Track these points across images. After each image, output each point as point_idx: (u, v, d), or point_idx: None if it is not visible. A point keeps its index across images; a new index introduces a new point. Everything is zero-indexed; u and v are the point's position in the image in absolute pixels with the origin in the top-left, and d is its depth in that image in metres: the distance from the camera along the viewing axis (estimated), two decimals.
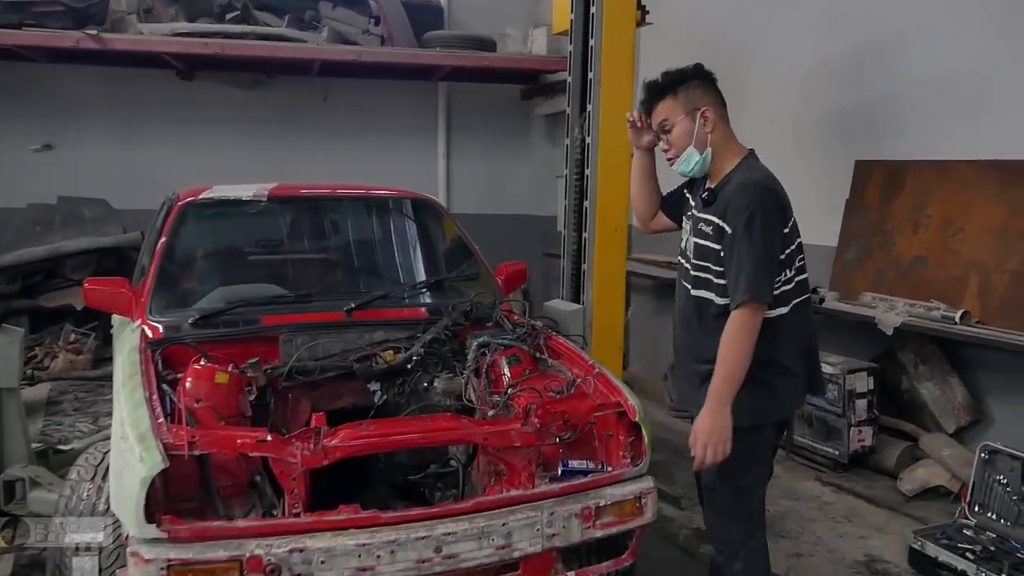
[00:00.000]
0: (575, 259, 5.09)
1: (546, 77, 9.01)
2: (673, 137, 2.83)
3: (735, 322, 2.63)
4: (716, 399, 2.63)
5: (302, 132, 8.73)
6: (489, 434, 2.76)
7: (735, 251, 2.64)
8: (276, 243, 4.17)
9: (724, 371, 2.63)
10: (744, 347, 2.62)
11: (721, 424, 2.61)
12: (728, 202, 2.68)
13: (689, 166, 2.81)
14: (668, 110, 2.83)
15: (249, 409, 3.18)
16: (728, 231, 2.67)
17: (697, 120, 2.78)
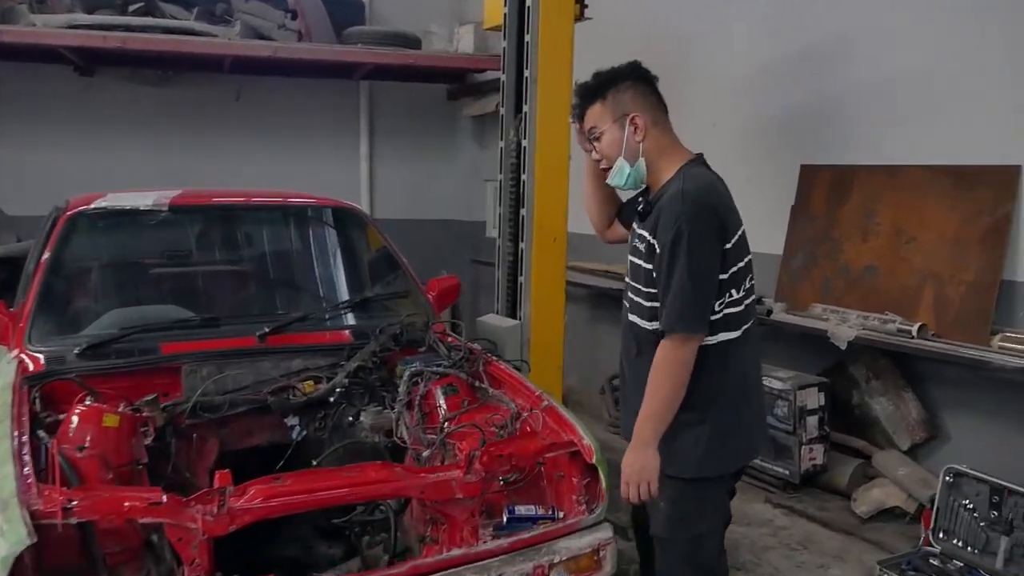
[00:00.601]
0: (511, 271, 4.73)
1: (474, 77, 8.64)
2: (602, 147, 2.56)
3: (662, 352, 2.39)
4: (639, 437, 2.42)
5: (213, 133, 8.17)
6: (427, 486, 2.38)
7: (663, 272, 2.38)
8: (179, 259, 3.69)
9: (649, 407, 2.41)
10: (671, 381, 2.37)
11: (643, 464, 2.41)
12: (659, 216, 2.39)
13: (622, 179, 2.53)
14: (596, 116, 2.56)
15: (145, 454, 2.75)
16: (659, 249, 2.38)
17: (627, 127, 2.49)
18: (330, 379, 3.18)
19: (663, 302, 2.37)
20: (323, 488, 2.28)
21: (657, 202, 2.44)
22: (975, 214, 4.33)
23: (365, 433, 3.11)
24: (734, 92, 5.82)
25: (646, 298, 2.48)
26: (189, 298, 3.49)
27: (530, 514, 2.67)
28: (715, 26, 5.87)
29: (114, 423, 2.64)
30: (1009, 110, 4.20)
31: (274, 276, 3.77)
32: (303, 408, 3.17)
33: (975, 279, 4.28)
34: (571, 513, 2.68)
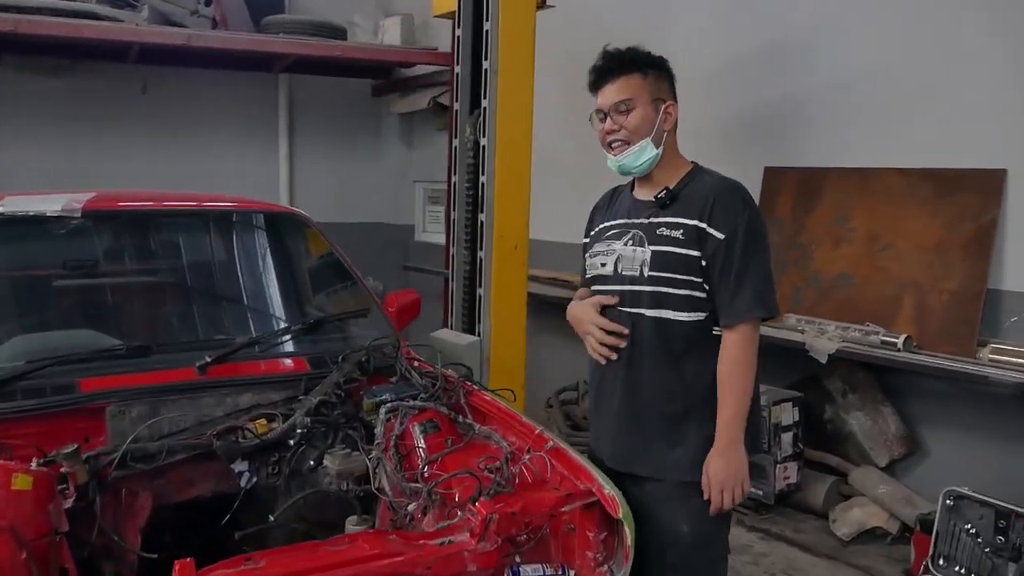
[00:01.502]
0: (468, 282, 4.32)
1: (400, 72, 8.16)
2: (631, 120, 2.39)
3: (742, 342, 2.31)
4: (727, 437, 2.31)
5: (117, 128, 7.44)
6: (435, 561, 1.94)
7: (734, 258, 2.29)
8: (95, 275, 3.11)
9: (734, 402, 2.31)
10: (753, 371, 2.33)
11: (737, 466, 2.31)
12: (709, 202, 2.31)
13: (638, 161, 2.40)
14: (634, 88, 2.39)
15: (65, 522, 2.22)
16: (718, 235, 2.29)
17: (660, 113, 2.39)
18: (286, 416, 2.71)
19: (736, 287, 2.28)
20: (308, 571, 1.82)
21: (682, 190, 2.39)
22: (958, 220, 4.13)
23: (330, 480, 2.64)
24: (692, 91, 5.46)
25: (685, 287, 2.34)
26: (111, 323, 2.94)
27: (538, 574, 2.28)
28: (673, 23, 5.54)
29: (27, 485, 2.12)
30: (994, 112, 4.02)
31: (212, 295, 3.20)
32: (253, 451, 2.68)
33: (959, 288, 4.08)
34: (586, 573, 2.28)
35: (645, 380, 2.41)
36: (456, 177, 4.36)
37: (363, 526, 2.49)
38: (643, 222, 2.43)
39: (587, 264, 2.60)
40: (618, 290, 2.45)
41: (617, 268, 2.45)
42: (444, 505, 2.44)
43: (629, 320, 2.42)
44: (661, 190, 2.41)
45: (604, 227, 2.55)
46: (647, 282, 2.38)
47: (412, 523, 2.48)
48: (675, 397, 2.39)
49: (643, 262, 2.39)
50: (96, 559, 2.38)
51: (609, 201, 2.65)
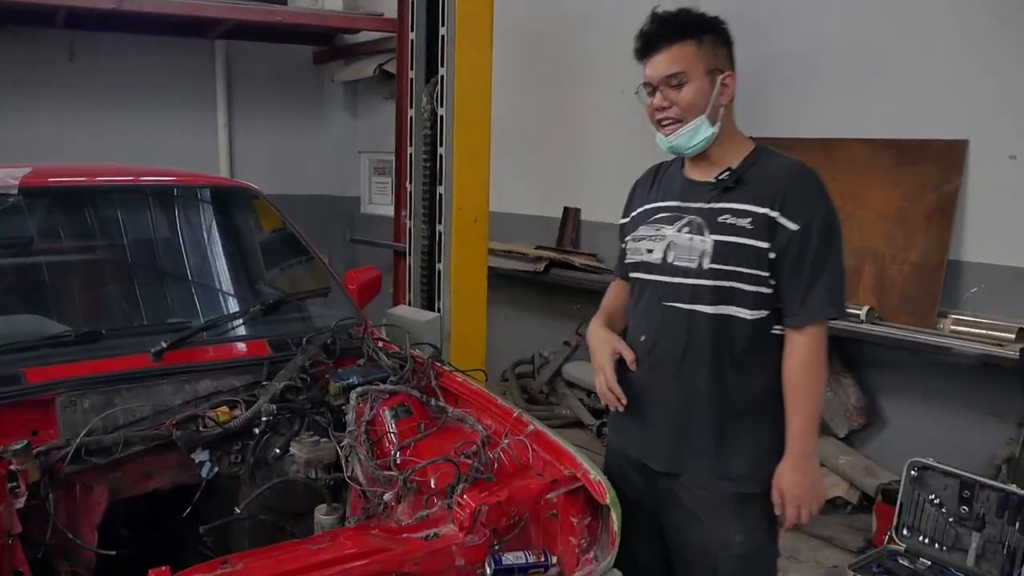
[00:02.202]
0: (427, 257, 4.19)
1: (343, 38, 7.93)
2: (683, 96, 2.09)
3: (814, 343, 2.09)
4: (803, 447, 2.10)
5: (43, 97, 7.11)
6: (421, 558, 1.84)
7: (809, 252, 2.03)
8: (36, 256, 2.90)
9: (806, 410, 2.09)
10: (825, 375, 2.13)
11: (813, 478, 2.12)
12: (781, 188, 2.05)
13: (691, 141, 2.12)
14: (688, 59, 2.09)
15: (17, 523, 2.07)
16: (791, 226, 2.03)
17: (717, 86, 2.09)
18: (249, 403, 2.57)
19: (808, 285, 2.05)
20: (290, 573, 1.70)
21: (746, 172, 2.11)
22: (919, 190, 4.13)
23: (298, 468, 2.52)
24: None
25: (752, 282, 2.09)
26: (57, 307, 2.73)
27: (519, 563, 2.18)
28: None
29: None
30: (955, 82, 4.01)
31: (165, 276, 3.01)
32: (214, 441, 2.54)
33: (920, 259, 4.09)
34: (568, 560, 2.21)
35: (701, 386, 2.16)
36: (412, 149, 4.21)
37: (333, 515, 2.39)
38: (702, 207, 2.14)
39: (628, 248, 2.32)
40: (667, 282, 2.18)
41: (667, 257, 2.17)
42: (420, 493, 2.34)
43: (681, 317, 2.16)
44: (723, 171, 2.13)
45: (649, 208, 2.28)
46: (708, 275, 2.11)
47: (385, 512, 2.38)
48: (733, 403, 2.16)
49: (703, 253, 2.11)
50: (51, 559, 2.23)
51: (653, 178, 2.37)
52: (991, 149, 3.91)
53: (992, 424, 3.94)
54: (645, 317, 2.25)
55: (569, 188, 6.14)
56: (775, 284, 2.08)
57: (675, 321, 2.16)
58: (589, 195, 6.03)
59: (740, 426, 2.16)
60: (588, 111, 5.88)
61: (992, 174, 3.91)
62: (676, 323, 2.16)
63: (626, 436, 2.35)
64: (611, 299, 2.47)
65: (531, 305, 6.37)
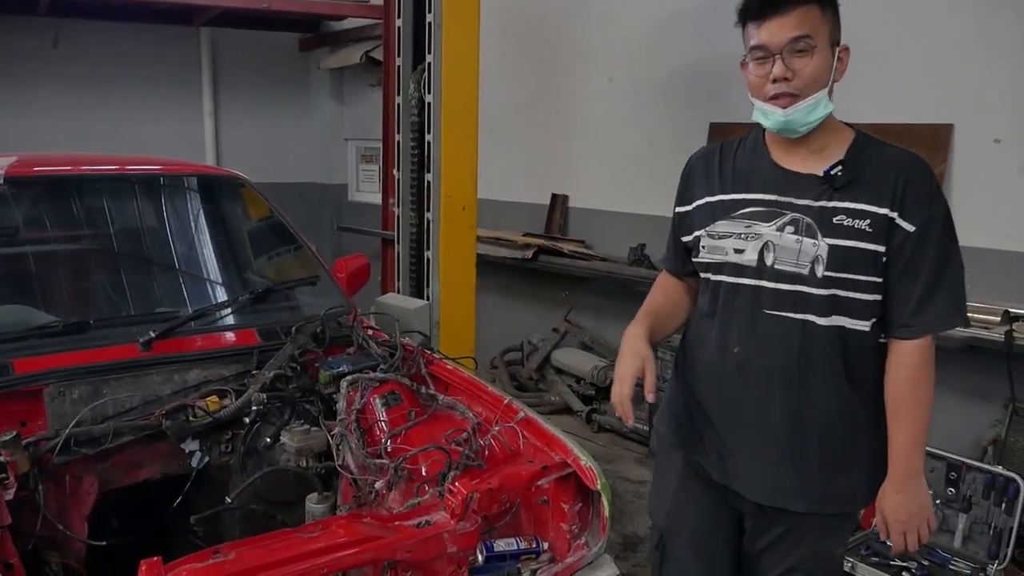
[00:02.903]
0: (415, 245, 4.19)
1: (329, 25, 7.89)
2: (811, 66, 1.84)
3: (924, 356, 1.88)
4: (909, 468, 1.90)
5: (27, 85, 7.05)
6: (414, 544, 1.85)
7: (928, 256, 1.83)
8: (23, 245, 2.88)
9: (913, 427, 1.88)
10: (932, 389, 1.92)
11: (920, 502, 1.92)
12: (899, 184, 1.83)
13: (810, 117, 1.87)
14: (814, 23, 1.84)
15: (7, 515, 2.06)
16: (908, 227, 1.82)
17: (835, 59, 1.88)
18: (239, 392, 2.57)
19: (926, 292, 1.83)
20: (282, 562, 1.71)
21: (856, 164, 1.88)
22: None
23: (288, 457, 2.52)
24: (633, 44, 5.44)
25: (869, 290, 1.86)
26: (44, 297, 2.72)
27: (511, 549, 2.21)
28: None
29: None
30: (940, 66, 4.02)
31: (153, 266, 3.00)
32: (205, 430, 2.54)
33: None
34: (559, 545, 2.23)
35: (815, 403, 1.92)
36: (400, 136, 4.20)
37: (324, 504, 2.39)
38: (810, 204, 1.88)
39: (703, 244, 2.03)
40: (770, 288, 1.92)
41: (764, 259, 1.91)
42: (411, 480, 2.36)
43: (792, 329, 1.90)
44: (835, 165, 1.88)
45: (729, 200, 1.99)
46: (822, 284, 1.86)
47: (377, 499, 2.39)
48: (847, 422, 1.94)
49: (816, 259, 1.86)
50: (42, 550, 2.23)
51: (719, 163, 2.07)
52: (976, 133, 3.93)
53: (979, 406, 3.97)
54: (735, 326, 1.98)
55: (557, 175, 6.13)
56: (885, 290, 1.88)
57: (783, 333, 1.91)
58: (577, 182, 6.03)
59: (854, 447, 1.96)
60: (577, 98, 5.87)
61: (977, 158, 3.94)
62: (785, 335, 1.91)
63: (705, 456, 2.09)
64: (660, 298, 2.23)
65: (520, 292, 6.38)
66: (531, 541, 2.24)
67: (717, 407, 2.03)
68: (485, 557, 2.14)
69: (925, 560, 3.41)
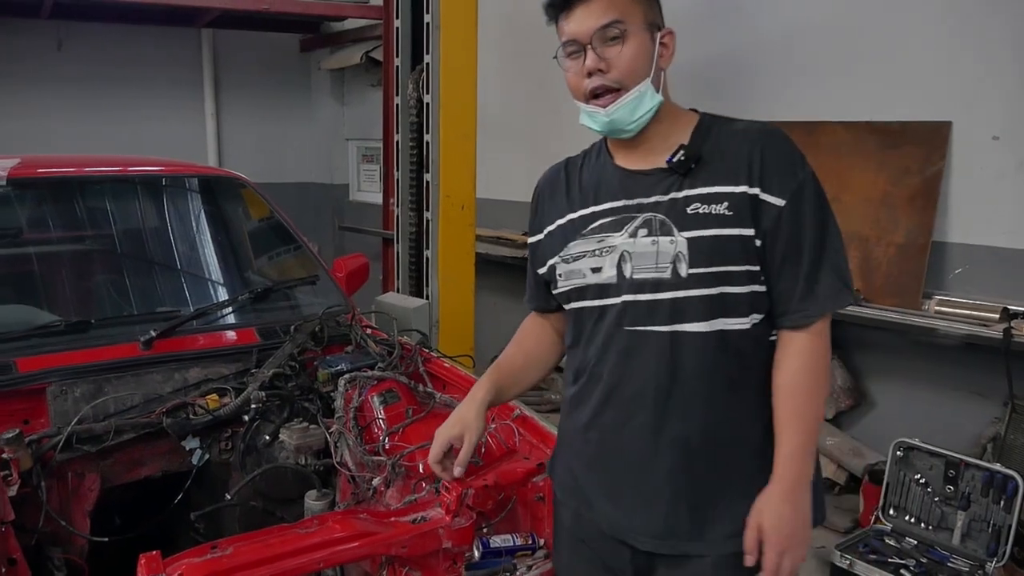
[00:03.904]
0: (415, 244, 4.21)
1: (329, 26, 7.92)
2: (624, 54, 1.62)
3: (818, 344, 1.61)
4: (796, 476, 1.59)
5: (31, 87, 7.09)
6: (410, 540, 1.87)
7: (804, 230, 1.60)
8: (25, 246, 2.91)
9: (804, 427, 1.60)
10: (829, 381, 1.78)
11: (804, 518, 1.59)
12: (755, 156, 1.60)
13: (635, 114, 1.64)
14: (625, 5, 1.62)
15: (10, 511, 2.09)
16: (777, 202, 1.59)
17: (657, 44, 1.65)
18: (238, 391, 2.59)
19: (810, 270, 1.60)
20: (278, 556, 1.73)
21: (703, 146, 1.65)
22: (903, 173, 4.15)
23: (288, 455, 2.55)
24: None
25: (747, 281, 1.62)
26: (43, 297, 2.75)
27: (507, 545, 2.22)
28: None
29: None
30: (938, 64, 4.03)
31: (153, 265, 3.04)
32: (205, 428, 2.57)
33: (905, 241, 4.12)
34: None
35: (696, 426, 1.64)
36: (399, 136, 4.22)
37: (323, 501, 2.41)
38: (659, 200, 1.65)
39: (559, 273, 1.77)
40: (631, 301, 1.65)
41: (623, 271, 1.67)
42: (408, 477, 2.37)
43: (660, 344, 1.63)
44: (676, 151, 1.65)
45: (577, 217, 1.76)
46: (690, 284, 1.61)
47: (375, 496, 2.41)
48: (741, 441, 1.67)
49: (677, 257, 1.62)
50: (45, 546, 2.26)
51: (566, 181, 1.84)
52: (974, 130, 3.94)
53: (978, 403, 3.98)
54: (601, 351, 1.72)
55: None
56: (766, 278, 1.63)
57: (650, 351, 1.65)
58: None
59: (751, 470, 1.65)
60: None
61: (975, 155, 3.94)
62: (652, 353, 1.64)
63: (590, 506, 1.78)
64: (512, 350, 2.02)
65: (519, 291, 6.37)
66: (527, 537, 2.25)
67: (596, 447, 1.75)
68: (481, 553, 2.16)
69: (923, 558, 3.43)
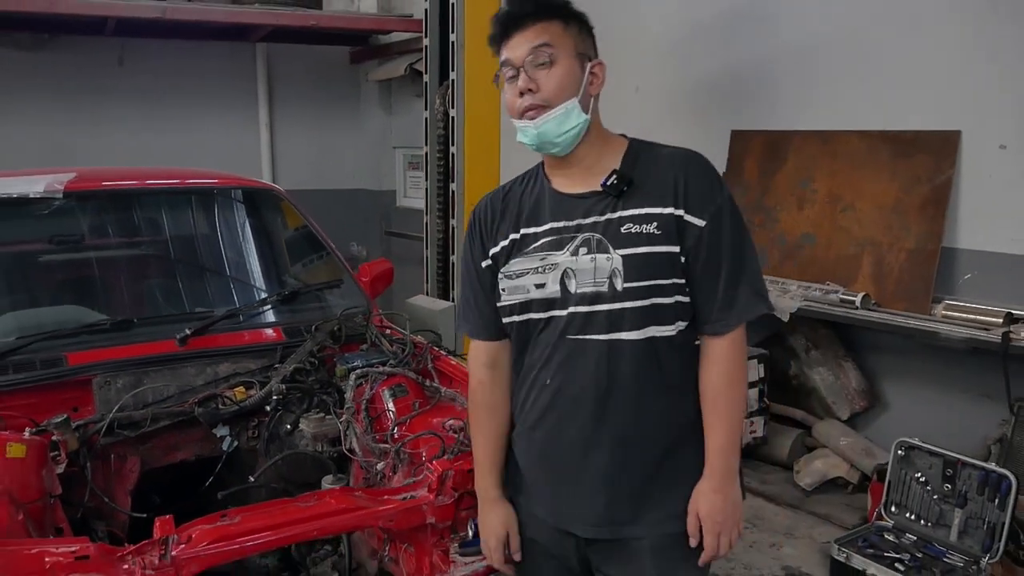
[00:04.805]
0: (441, 249, 4.45)
1: (377, 39, 8.22)
2: (552, 76, 1.82)
3: (736, 350, 1.83)
4: (726, 470, 1.84)
5: (95, 101, 7.51)
6: (395, 514, 2.11)
7: (722, 247, 1.81)
8: (77, 253, 3.25)
9: (729, 424, 1.83)
10: (747, 382, 1.92)
11: (735, 501, 1.86)
12: (680, 181, 1.80)
13: (561, 128, 1.83)
14: (555, 35, 1.83)
15: (58, 486, 2.39)
16: (698, 223, 1.79)
17: (586, 73, 1.85)
18: (263, 384, 2.87)
19: (729, 282, 1.81)
20: (279, 525, 1.99)
21: (633, 171, 1.84)
22: (914, 181, 4.26)
23: (306, 442, 2.81)
24: (658, 55, 5.63)
25: (673, 293, 1.81)
26: (92, 298, 3.08)
27: None
28: None
29: (20, 453, 2.28)
30: (948, 75, 4.13)
31: (191, 270, 3.35)
32: (233, 417, 2.85)
33: (915, 247, 4.23)
34: None
35: (631, 422, 1.84)
36: (428, 147, 4.48)
37: (338, 484, 2.65)
38: (596, 220, 1.84)
39: (502, 288, 1.92)
40: (573, 312, 1.83)
41: (567, 286, 1.83)
42: (412, 463, 2.60)
43: (598, 351, 1.82)
44: (610, 175, 1.84)
45: (517, 238, 1.92)
46: (625, 297, 1.80)
47: (384, 481, 2.65)
48: (673, 435, 1.87)
49: (613, 273, 1.80)
50: (90, 519, 2.55)
51: (503, 205, 1.99)
52: (982, 140, 4.03)
53: (985, 406, 4.07)
54: (547, 359, 1.88)
55: None
56: (690, 290, 1.83)
57: (589, 356, 1.83)
58: None
59: (684, 459, 1.87)
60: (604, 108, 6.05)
61: (983, 164, 4.04)
62: (591, 358, 1.83)
63: (537, 506, 1.97)
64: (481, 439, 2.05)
65: None
66: None
67: (539, 449, 1.94)
68: (474, 532, 2.38)
69: (920, 553, 3.55)
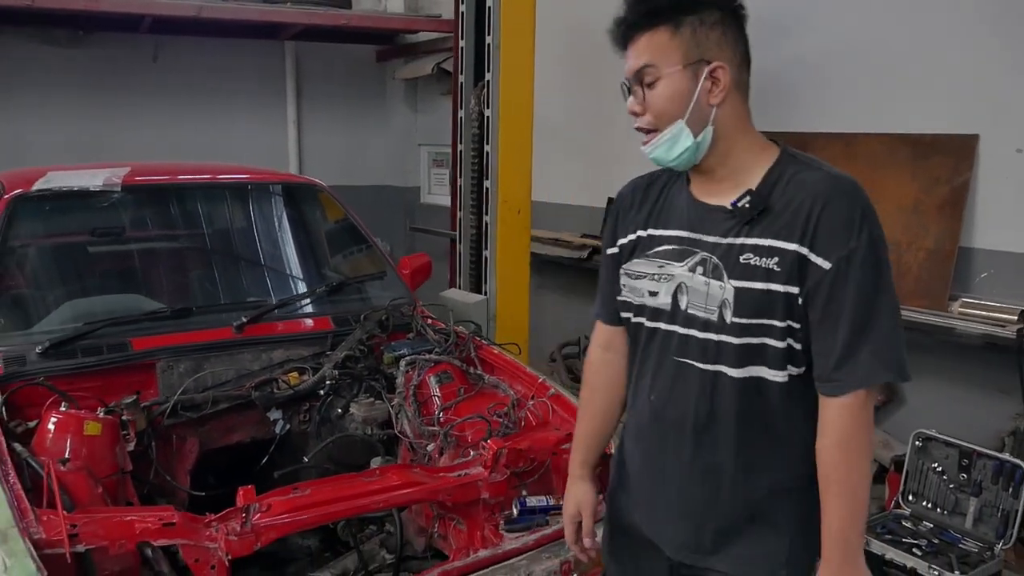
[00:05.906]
0: (475, 245, 4.61)
1: (404, 38, 8.38)
2: (655, 97, 1.65)
3: (855, 416, 1.55)
4: (849, 547, 1.58)
5: (129, 97, 7.68)
6: (454, 489, 2.28)
7: (847, 297, 1.54)
8: (136, 243, 3.43)
9: (847, 501, 1.57)
10: (871, 454, 1.62)
11: None
12: (813, 214, 1.55)
13: (672, 153, 1.66)
14: (659, 50, 1.64)
15: (129, 462, 2.56)
16: (824, 265, 1.54)
17: (701, 81, 1.63)
18: (315, 370, 3.03)
19: (851, 339, 1.54)
20: (347, 497, 2.16)
21: (771, 194, 1.61)
22: (933, 182, 4.39)
23: (356, 426, 2.98)
24: None
25: (786, 336, 1.60)
26: (152, 287, 3.26)
27: (542, 505, 2.59)
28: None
29: (96, 431, 2.45)
30: (967, 79, 4.25)
31: (243, 261, 3.54)
32: (286, 401, 3.01)
33: (934, 247, 4.36)
34: None
35: (727, 463, 1.68)
36: (462, 146, 4.63)
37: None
38: (718, 242, 1.65)
39: (622, 284, 1.81)
40: (681, 333, 1.69)
41: (679, 302, 1.69)
42: (459, 446, 2.77)
43: (703, 380, 1.67)
44: (742, 195, 1.62)
45: (646, 237, 1.79)
46: (732, 331, 1.62)
47: (430, 462, 2.81)
48: (771, 481, 1.69)
49: (723, 303, 1.62)
50: (153, 496, 2.71)
51: (644, 195, 1.84)
52: (999, 143, 4.15)
53: (1000, 400, 4.20)
54: (651, 372, 1.77)
55: (613, 179, 6.45)
56: (806, 335, 1.60)
57: (693, 384, 1.68)
58: None
59: (781, 506, 1.70)
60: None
61: (1000, 167, 4.16)
62: (694, 386, 1.68)
63: (635, 509, 1.88)
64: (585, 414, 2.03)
65: (576, 290, 6.75)
66: (559, 499, 2.62)
67: (640, 458, 1.85)
68: (519, 510, 2.54)
69: (936, 539, 3.69)
